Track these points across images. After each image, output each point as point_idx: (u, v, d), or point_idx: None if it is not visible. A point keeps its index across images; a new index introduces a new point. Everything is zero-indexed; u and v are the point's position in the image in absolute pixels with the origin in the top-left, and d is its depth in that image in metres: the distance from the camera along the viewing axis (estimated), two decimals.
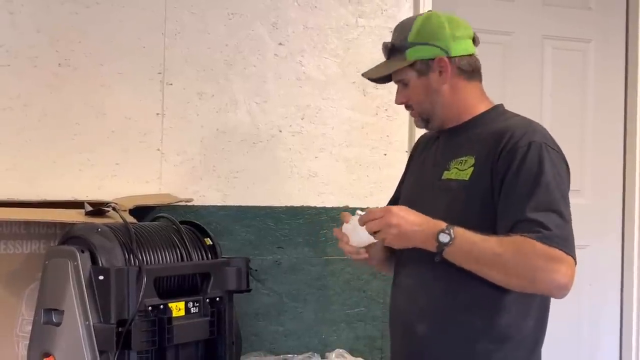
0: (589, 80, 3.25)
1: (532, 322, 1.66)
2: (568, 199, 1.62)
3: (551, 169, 1.59)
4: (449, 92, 1.71)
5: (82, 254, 1.66)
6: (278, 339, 2.53)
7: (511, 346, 1.64)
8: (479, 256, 1.56)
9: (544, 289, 1.59)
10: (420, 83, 1.72)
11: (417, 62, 1.70)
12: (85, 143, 2.35)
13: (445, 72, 1.69)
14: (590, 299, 3.24)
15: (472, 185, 1.64)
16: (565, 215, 1.58)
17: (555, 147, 1.66)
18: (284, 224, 2.57)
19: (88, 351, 1.61)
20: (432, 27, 1.71)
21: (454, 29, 1.70)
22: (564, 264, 1.54)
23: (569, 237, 1.57)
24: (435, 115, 1.75)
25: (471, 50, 1.73)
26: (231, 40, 2.52)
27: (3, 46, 2.27)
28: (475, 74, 1.75)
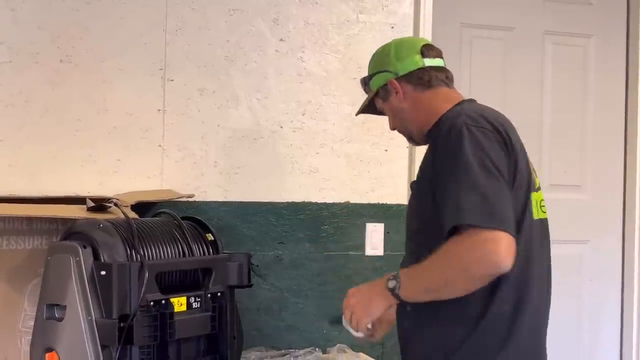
0: (589, 76, 3.25)
1: (507, 306, 1.63)
2: (497, 168, 1.57)
3: (471, 147, 1.57)
4: (411, 107, 1.81)
5: (84, 250, 1.66)
6: (279, 334, 2.54)
7: (483, 331, 1.62)
8: (425, 284, 1.62)
9: (484, 275, 1.54)
10: (388, 107, 1.86)
11: (379, 90, 1.86)
12: (87, 139, 2.36)
13: (398, 91, 1.81)
14: (590, 294, 3.24)
15: (420, 182, 1.74)
16: (487, 190, 1.54)
17: (481, 124, 1.62)
18: (285, 220, 2.58)
19: (90, 346, 1.61)
20: (381, 55, 1.88)
21: (398, 51, 1.84)
22: (485, 244, 1.50)
23: (493, 210, 1.52)
24: (411, 131, 1.86)
25: (420, 64, 1.81)
26: (232, 37, 2.53)
27: (4, 43, 2.27)
28: (433, 82, 1.81)
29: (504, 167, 1.59)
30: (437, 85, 1.80)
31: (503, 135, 1.63)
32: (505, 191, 1.56)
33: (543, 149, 3.17)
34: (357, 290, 1.74)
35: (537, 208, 1.71)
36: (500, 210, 1.53)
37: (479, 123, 1.62)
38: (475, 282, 1.56)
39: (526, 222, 1.64)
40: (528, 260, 1.65)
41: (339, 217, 2.65)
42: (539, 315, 1.72)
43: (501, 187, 1.56)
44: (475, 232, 1.51)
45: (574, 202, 3.22)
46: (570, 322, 3.16)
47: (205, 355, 1.80)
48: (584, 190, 3.25)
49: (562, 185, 3.20)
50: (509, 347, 1.63)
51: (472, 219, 1.51)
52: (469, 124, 1.61)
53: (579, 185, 3.25)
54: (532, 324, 1.68)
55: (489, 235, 1.50)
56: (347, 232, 2.65)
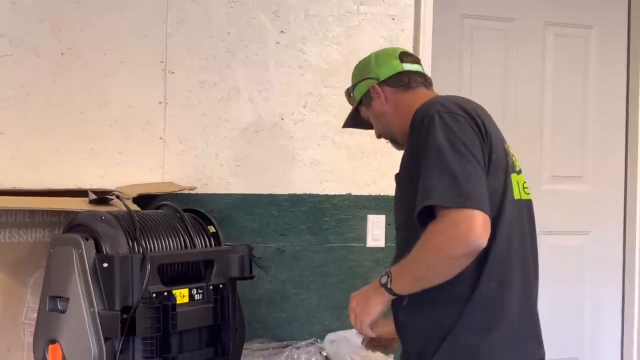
0: (590, 67, 3.25)
1: (493, 284, 1.64)
2: (469, 151, 1.59)
3: (442, 132, 1.60)
4: (392, 110, 1.87)
5: (86, 242, 1.67)
6: (281, 325, 2.55)
7: (473, 310, 1.63)
8: (412, 274, 1.65)
9: (461, 254, 1.56)
10: (371, 113, 1.93)
11: (362, 98, 1.93)
12: (89, 132, 2.36)
13: (380, 95, 1.88)
14: (591, 285, 3.25)
15: (401, 173, 1.78)
16: (458, 171, 1.56)
17: (452, 110, 1.65)
18: (287, 212, 2.59)
19: (93, 338, 1.62)
20: (362, 65, 1.96)
21: (377, 59, 1.92)
22: (458, 224, 1.53)
23: (464, 190, 1.54)
24: (393, 132, 1.90)
25: (399, 68, 1.88)
26: (233, 29, 2.53)
27: (6, 36, 2.27)
28: (412, 83, 1.87)
29: (477, 150, 1.61)
30: (416, 86, 1.88)
31: (476, 119, 1.66)
32: (477, 172, 1.59)
33: (544, 140, 3.17)
34: (357, 293, 1.78)
35: (518, 189, 1.74)
36: (472, 190, 1.55)
37: (450, 109, 1.66)
38: (455, 262, 1.57)
39: (506, 203, 1.67)
40: (510, 240, 1.68)
41: (341, 208, 2.65)
42: (527, 296, 1.74)
43: (473, 168, 1.58)
44: (449, 212, 1.54)
45: (575, 193, 3.22)
46: (571, 312, 3.16)
47: (207, 347, 1.81)
48: (585, 181, 3.25)
49: (563, 176, 3.20)
50: (499, 327, 1.65)
51: (442, 199, 1.54)
52: (441, 111, 1.65)
53: (580, 176, 3.25)
54: (521, 302, 1.70)
55: (461, 215, 1.53)
56: (349, 224, 2.66)
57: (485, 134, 1.66)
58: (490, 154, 1.65)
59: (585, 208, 3.24)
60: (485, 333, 1.64)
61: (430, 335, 1.67)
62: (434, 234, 1.57)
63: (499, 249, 1.64)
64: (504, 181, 1.68)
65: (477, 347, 1.64)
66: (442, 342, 1.65)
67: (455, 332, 1.64)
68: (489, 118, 1.75)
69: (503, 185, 1.67)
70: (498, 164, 1.67)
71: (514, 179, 1.72)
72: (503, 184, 1.67)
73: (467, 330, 1.64)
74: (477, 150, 1.62)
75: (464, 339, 1.64)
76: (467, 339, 1.64)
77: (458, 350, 1.64)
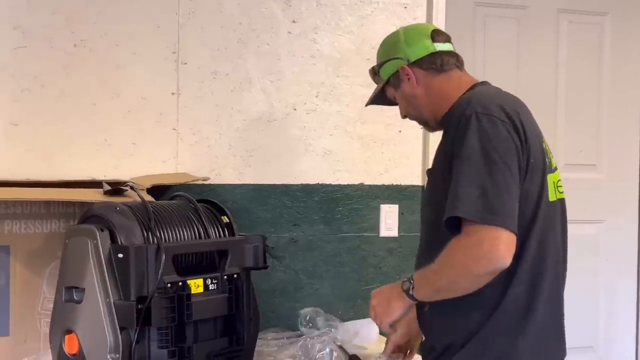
0: (605, 55, 3.22)
1: (521, 288, 1.63)
2: (503, 160, 1.56)
3: (477, 138, 1.57)
4: (424, 93, 1.79)
5: (101, 233, 1.67)
6: (295, 315, 2.55)
7: (500, 314, 1.62)
8: (434, 286, 1.65)
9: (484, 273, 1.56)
10: (400, 95, 1.84)
11: (389, 78, 1.84)
12: (102, 123, 2.37)
13: (411, 77, 1.79)
14: (606, 273, 3.24)
15: (433, 170, 1.75)
16: (488, 183, 1.54)
17: (491, 111, 1.60)
18: (300, 202, 2.59)
19: (109, 327, 1.63)
20: (390, 43, 1.86)
21: (407, 37, 1.82)
22: (482, 243, 1.51)
23: (492, 204, 1.52)
24: (425, 116, 1.83)
25: (430, 49, 1.79)
26: (244, 19, 2.52)
27: (19, 28, 2.28)
28: (445, 66, 1.79)
29: (512, 158, 1.57)
30: (449, 69, 1.79)
31: (515, 122, 1.61)
32: (508, 183, 1.55)
33: (558, 129, 3.15)
34: (378, 292, 1.79)
35: (553, 189, 1.71)
36: (500, 205, 1.53)
37: (489, 111, 1.60)
38: (478, 279, 1.57)
39: (541, 206, 1.64)
40: (544, 244, 1.65)
41: (353, 198, 2.65)
42: (554, 298, 1.72)
43: (505, 179, 1.55)
44: (474, 228, 1.52)
45: (590, 181, 3.20)
46: (586, 301, 3.16)
47: (222, 336, 1.81)
48: (599, 170, 3.24)
49: (578, 164, 3.19)
50: (526, 330, 1.64)
51: (469, 212, 1.52)
52: (479, 112, 1.60)
53: (595, 165, 3.23)
54: (548, 307, 1.68)
55: (487, 233, 1.51)
56: (362, 214, 2.66)
57: (525, 139, 1.62)
58: (529, 158, 1.61)
59: (600, 197, 3.22)
60: (512, 337, 1.63)
61: (455, 334, 1.67)
62: (458, 249, 1.56)
63: (531, 256, 1.62)
64: (541, 184, 1.64)
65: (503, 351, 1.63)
66: (467, 342, 1.64)
67: (482, 335, 1.63)
68: (529, 115, 1.70)
69: (539, 188, 1.64)
70: (535, 167, 1.63)
71: (549, 179, 1.69)
72: (539, 188, 1.64)
73: (494, 334, 1.63)
74: (512, 158, 1.57)
75: (491, 342, 1.63)
76: (494, 342, 1.63)
77: (485, 351, 1.63)
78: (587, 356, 3.19)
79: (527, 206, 1.61)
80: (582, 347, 3.12)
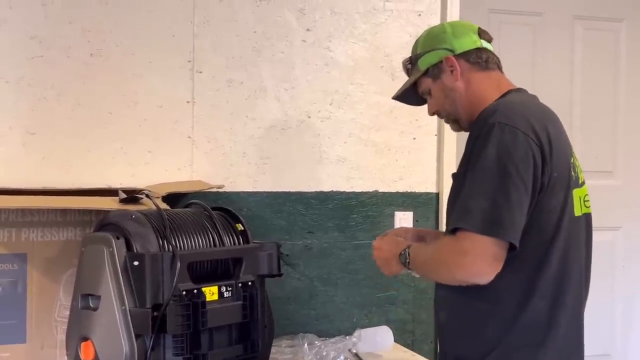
0: (621, 61, 3.20)
1: (543, 303, 1.62)
2: (518, 173, 1.55)
3: (496, 148, 1.56)
4: (464, 87, 1.76)
5: (117, 240, 1.68)
6: (310, 322, 2.56)
7: (520, 327, 1.61)
8: (423, 269, 1.75)
9: (463, 281, 1.61)
10: (437, 87, 1.80)
11: (429, 69, 1.80)
12: (118, 132, 2.39)
13: (455, 69, 1.76)
14: (623, 280, 3.21)
15: (457, 174, 1.74)
16: (498, 197, 1.54)
17: (514, 123, 1.59)
18: (314, 209, 2.59)
19: (125, 335, 1.63)
20: (434, 34, 1.82)
21: (454, 29, 1.80)
22: (467, 254, 1.54)
23: (501, 218, 1.53)
24: (459, 112, 1.80)
25: (478, 44, 1.77)
26: (259, 27, 2.54)
27: (36, 37, 2.31)
28: (489, 64, 1.77)
29: (528, 172, 1.56)
30: (492, 68, 1.78)
31: (540, 135, 1.60)
32: (521, 199, 1.55)
33: (574, 136, 3.10)
34: (380, 246, 1.85)
35: (579, 204, 1.69)
36: (508, 218, 1.53)
37: (512, 122, 1.59)
38: (458, 282, 1.63)
39: (565, 221, 1.63)
40: (567, 258, 1.64)
41: (368, 205, 2.65)
42: (576, 312, 1.71)
43: (517, 194, 1.55)
44: (467, 236, 1.54)
45: (606, 188, 3.18)
46: (603, 308, 3.13)
47: (236, 344, 1.81)
48: (615, 176, 3.22)
49: (594, 171, 3.16)
50: (547, 344, 1.63)
51: (474, 225, 1.54)
52: (502, 122, 1.58)
53: (611, 172, 3.21)
54: (570, 321, 1.67)
55: (475, 245, 1.53)
56: (376, 221, 2.65)
57: (550, 152, 1.60)
58: (552, 173, 1.60)
59: (616, 203, 3.20)
60: (533, 351, 1.62)
61: (475, 343, 1.66)
62: (446, 251, 1.61)
63: (553, 270, 1.62)
64: (564, 199, 1.63)
65: None
66: (489, 352, 1.63)
67: (503, 347, 1.62)
68: (558, 129, 1.69)
69: (562, 203, 1.63)
70: (559, 182, 1.62)
71: (575, 194, 1.68)
72: (562, 202, 1.63)
73: (515, 347, 1.62)
74: (528, 172, 1.56)
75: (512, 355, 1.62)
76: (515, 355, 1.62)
77: None
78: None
79: (549, 221, 1.61)
80: (599, 354, 3.10)
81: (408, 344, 2.63)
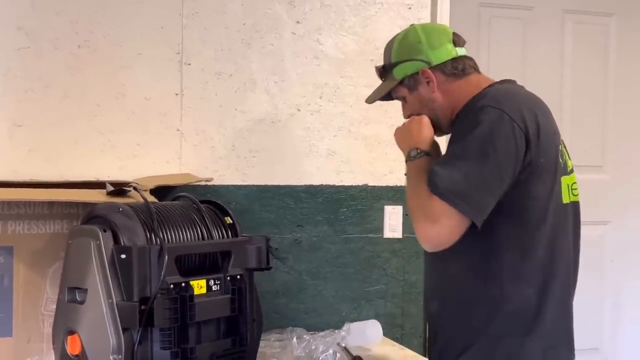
0: (610, 55, 3.21)
1: (530, 291, 1.62)
2: (493, 159, 1.56)
3: (480, 129, 1.58)
4: (442, 97, 1.77)
5: (104, 233, 1.67)
6: (299, 316, 2.55)
7: (507, 315, 1.62)
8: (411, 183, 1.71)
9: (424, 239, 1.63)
10: (413, 97, 1.81)
11: (404, 79, 1.79)
12: (106, 124, 2.37)
13: (431, 81, 1.76)
14: (612, 275, 3.23)
15: None
16: (473, 174, 1.56)
17: (502, 107, 1.61)
18: (303, 203, 2.58)
19: (111, 328, 1.62)
20: (409, 42, 1.79)
21: (430, 39, 1.78)
22: (437, 223, 1.56)
23: (470, 194, 1.55)
24: (439, 119, 1.80)
25: (453, 54, 1.77)
26: (248, 20, 2.52)
27: (23, 29, 2.29)
28: (465, 71, 1.78)
29: (508, 157, 1.57)
30: (469, 72, 1.78)
31: (527, 121, 1.60)
32: (493, 181, 1.56)
33: (563, 130, 3.06)
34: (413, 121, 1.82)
35: (567, 192, 1.70)
36: (476, 197, 1.55)
37: (500, 105, 1.60)
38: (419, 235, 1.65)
39: (551, 208, 1.63)
40: (554, 246, 1.65)
41: (357, 199, 2.65)
42: (565, 300, 1.71)
43: (491, 176, 1.56)
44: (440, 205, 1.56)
45: (595, 182, 3.19)
46: (592, 302, 3.14)
47: (225, 337, 1.81)
48: (605, 171, 3.23)
49: (583, 165, 3.16)
50: (535, 333, 1.63)
51: (444, 195, 1.55)
52: (490, 105, 1.60)
53: (600, 166, 3.22)
54: (558, 309, 1.67)
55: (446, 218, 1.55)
56: (366, 215, 2.65)
57: (537, 137, 1.60)
58: (539, 158, 1.60)
59: (605, 198, 3.21)
60: (520, 338, 1.62)
61: (463, 330, 1.66)
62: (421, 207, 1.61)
63: (539, 257, 1.62)
64: (551, 186, 1.64)
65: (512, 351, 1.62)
66: (473, 343, 1.63)
67: (488, 336, 1.62)
68: (547, 116, 1.70)
69: (550, 189, 1.63)
70: (546, 168, 1.62)
71: (563, 182, 1.68)
72: (550, 189, 1.63)
73: (502, 334, 1.62)
74: (508, 157, 1.57)
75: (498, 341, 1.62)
76: (503, 342, 1.62)
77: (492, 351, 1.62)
78: (593, 358, 3.18)
79: (535, 207, 1.61)
80: (587, 349, 3.10)
81: (397, 337, 2.62)
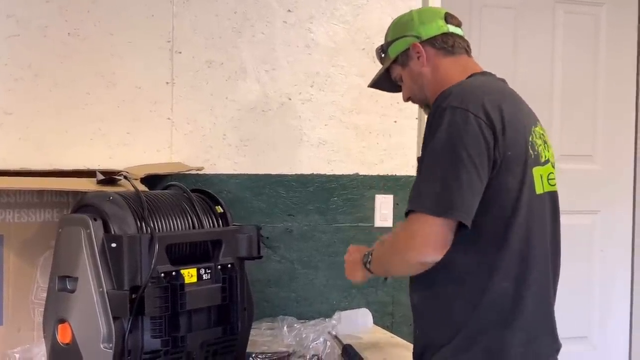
0: (601, 45, 3.22)
1: (506, 283, 1.62)
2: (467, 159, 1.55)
3: (446, 132, 1.57)
4: (431, 72, 1.79)
5: (94, 222, 1.67)
6: (290, 305, 2.56)
7: (486, 308, 1.62)
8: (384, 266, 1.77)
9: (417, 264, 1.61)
10: (406, 73, 1.84)
11: (398, 56, 1.84)
12: (96, 112, 2.36)
13: (421, 55, 1.79)
14: (601, 264, 3.25)
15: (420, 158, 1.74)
16: (449, 179, 1.55)
17: (466, 106, 1.59)
18: (295, 192, 2.59)
19: (102, 317, 1.63)
20: (402, 22, 1.85)
21: (421, 16, 1.83)
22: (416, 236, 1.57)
23: (452, 199, 1.54)
24: (427, 98, 1.82)
25: (444, 29, 1.80)
26: (239, 8, 2.51)
27: (13, 16, 2.27)
28: (456, 49, 1.80)
29: (480, 154, 1.57)
30: (459, 52, 1.80)
31: (491, 116, 1.60)
32: (473, 180, 1.56)
33: (554, 119, 3.15)
34: (352, 252, 1.90)
35: (541, 182, 1.69)
36: (459, 200, 1.54)
37: (465, 105, 1.59)
38: (412, 268, 1.64)
39: (524, 199, 1.63)
40: (529, 237, 1.64)
41: (348, 188, 2.65)
42: (544, 291, 1.70)
43: (468, 176, 1.55)
44: (416, 217, 1.56)
45: (585, 172, 3.21)
46: (581, 291, 3.17)
47: (216, 326, 1.81)
48: (594, 161, 3.24)
49: (573, 155, 3.19)
50: (514, 325, 1.63)
51: (426, 206, 1.55)
52: (454, 105, 1.59)
53: (590, 155, 3.24)
54: (538, 301, 1.67)
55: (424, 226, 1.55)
56: (357, 204, 2.65)
57: (502, 131, 1.60)
58: (506, 151, 1.60)
59: (595, 187, 3.23)
60: (499, 331, 1.62)
61: (443, 326, 1.66)
62: (399, 236, 1.63)
63: (514, 249, 1.62)
64: (522, 177, 1.63)
65: (491, 345, 1.63)
66: (455, 335, 1.64)
67: (469, 328, 1.62)
68: (515, 108, 1.68)
69: (520, 181, 1.62)
70: (514, 160, 1.62)
71: (536, 172, 1.67)
72: (520, 181, 1.62)
73: (481, 328, 1.62)
74: (480, 154, 1.57)
75: (478, 335, 1.62)
76: (481, 336, 1.62)
77: (471, 345, 1.63)
78: (582, 346, 3.21)
79: (506, 199, 1.61)
80: (576, 337, 3.13)
81: (387, 326, 2.64)
